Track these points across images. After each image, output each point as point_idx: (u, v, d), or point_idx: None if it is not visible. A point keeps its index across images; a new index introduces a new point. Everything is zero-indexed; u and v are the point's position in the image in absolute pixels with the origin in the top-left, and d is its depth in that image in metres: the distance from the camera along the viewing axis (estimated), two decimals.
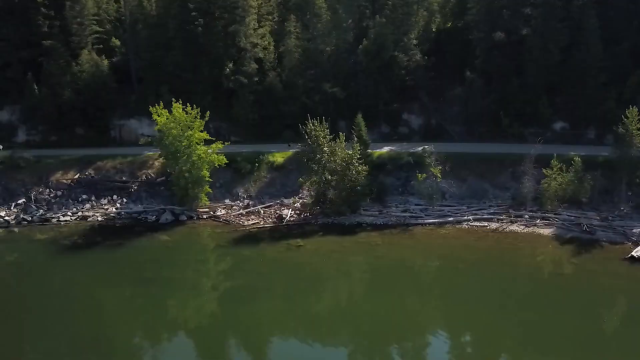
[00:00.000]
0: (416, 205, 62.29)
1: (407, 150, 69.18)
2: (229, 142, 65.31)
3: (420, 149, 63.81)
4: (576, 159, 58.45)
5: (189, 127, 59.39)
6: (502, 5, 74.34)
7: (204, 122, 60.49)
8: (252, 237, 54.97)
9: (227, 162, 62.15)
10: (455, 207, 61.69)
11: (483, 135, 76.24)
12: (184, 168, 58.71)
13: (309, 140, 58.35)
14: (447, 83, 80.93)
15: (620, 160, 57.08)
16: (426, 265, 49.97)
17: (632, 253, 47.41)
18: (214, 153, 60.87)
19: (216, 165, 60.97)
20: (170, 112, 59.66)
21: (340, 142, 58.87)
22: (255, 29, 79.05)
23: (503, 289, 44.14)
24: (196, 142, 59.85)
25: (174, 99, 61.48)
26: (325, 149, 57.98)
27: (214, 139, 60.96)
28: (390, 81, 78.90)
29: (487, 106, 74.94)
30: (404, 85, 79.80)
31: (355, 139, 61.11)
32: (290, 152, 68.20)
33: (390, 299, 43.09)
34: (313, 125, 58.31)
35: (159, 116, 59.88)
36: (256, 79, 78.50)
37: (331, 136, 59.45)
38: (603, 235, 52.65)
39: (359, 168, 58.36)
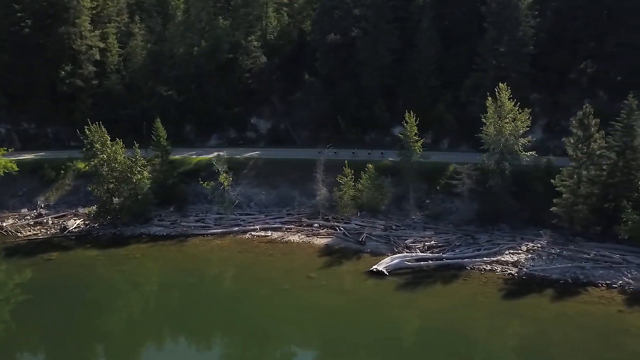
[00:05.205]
0: (217, 214, 59.70)
1: (230, 157, 66.42)
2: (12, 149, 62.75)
3: (213, 155, 61.17)
4: (369, 165, 56.06)
5: None
6: (333, 5, 71.98)
7: None
8: (14, 250, 52.42)
9: (17, 169, 59.31)
10: (253, 216, 59.29)
11: (326, 140, 73.72)
12: None
13: (87, 145, 55.77)
14: (300, 86, 78.64)
15: (403, 167, 54.71)
16: (158, 280, 48.08)
17: (373, 267, 44.99)
18: None
19: (1, 173, 58.04)
20: None
21: (119, 147, 56.13)
22: (91, 31, 76.23)
23: (204, 303, 42.56)
24: None
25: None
26: (103, 155, 55.33)
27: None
28: (231, 84, 76.45)
29: (325, 110, 72.55)
30: (249, 89, 77.27)
31: (134, 145, 58.11)
32: None
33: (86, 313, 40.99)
34: (90, 129, 55.72)
35: None
36: (95, 82, 75.85)
37: (112, 142, 56.72)
38: (373, 245, 50.37)
39: (139, 176, 55.75)
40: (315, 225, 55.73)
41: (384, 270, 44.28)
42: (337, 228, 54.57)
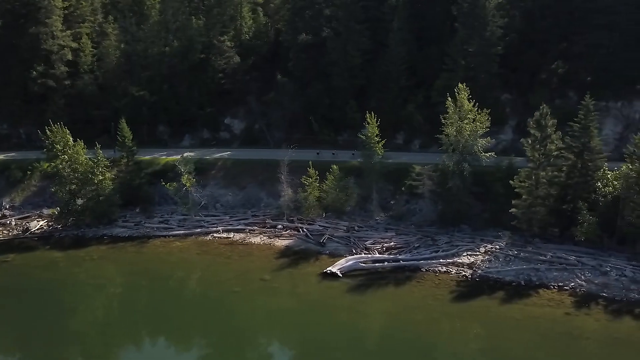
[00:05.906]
0: (183, 215, 59.23)
1: (200, 157, 65.97)
2: None
3: (180, 156, 60.69)
4: (334, 167, 55.56)
5: None
6: (305, 5, 71.52)
7: None
8: None
9: None
10: (218, 217, 58.86)
11: (300, 141, 73.32)
12: None
13: (48, 146, 55.37)
14: (275, 87, 78.16)
15: (366, 168, 54.28)
16: (111, 282, 47.96)
17: (327, 268, 44.59)
18: None
19: None
20: None
21: (80, 148, 55.70)
22: (63, 30, 75.71)
23: (151, 307, 42.33)
24: None
25: None
26: (64, 156, 54.94)
27: None
28: (205, 84, 75.94)
29: (297, 111, 72.09)
30: (222, 89, 76.72)
31: (96, 145, 57.64)
32: None
33: None
34: (52, 130, 55.35)
35: None
36: (67, 82, 75.37)
37: (73, 142, 56.28)
38: (333, 247, 49.94)
39: (101, 177, 55.34)
40: (279, 226, 55.35)
41: (338, 272, 43.91)
42: (301, 229, 54.16)
